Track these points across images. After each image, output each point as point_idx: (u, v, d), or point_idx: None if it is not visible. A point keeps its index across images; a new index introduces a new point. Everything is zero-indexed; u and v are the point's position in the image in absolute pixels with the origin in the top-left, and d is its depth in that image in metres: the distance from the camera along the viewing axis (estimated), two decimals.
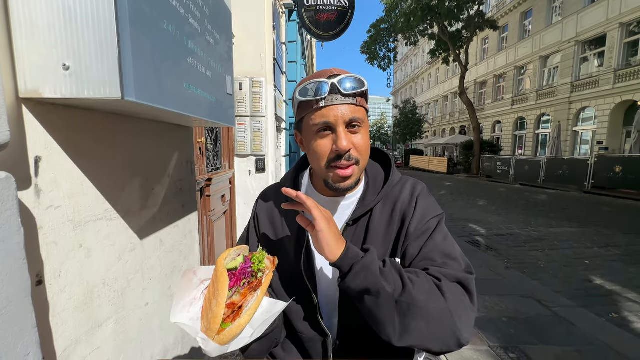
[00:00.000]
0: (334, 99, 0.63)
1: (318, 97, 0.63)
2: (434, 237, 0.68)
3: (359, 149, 0.65)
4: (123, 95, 0.51)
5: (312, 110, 0.65)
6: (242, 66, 2.83)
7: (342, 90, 0.62)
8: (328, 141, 0.65)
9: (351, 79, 0.64)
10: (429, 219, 0.69)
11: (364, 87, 0.65)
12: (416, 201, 0.71)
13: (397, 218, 0.71)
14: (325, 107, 0.63)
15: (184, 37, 0.72)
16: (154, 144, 0.96)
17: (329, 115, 0.63)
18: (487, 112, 20.86)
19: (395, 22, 17.33)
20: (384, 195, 0.73)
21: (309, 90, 0.64)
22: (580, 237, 4.77)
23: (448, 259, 0.64)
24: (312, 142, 0.66)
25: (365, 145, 0.66)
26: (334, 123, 0.63)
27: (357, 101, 0.65)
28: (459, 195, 9.90)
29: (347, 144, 0.63)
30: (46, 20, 0.50)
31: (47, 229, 0.57)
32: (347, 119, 0.63)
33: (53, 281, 0.59)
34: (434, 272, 0.61)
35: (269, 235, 0.78)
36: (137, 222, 0.86)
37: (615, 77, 12.42)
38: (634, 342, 2.13)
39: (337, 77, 0.63)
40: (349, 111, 0.63)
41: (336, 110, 0.63)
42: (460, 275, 0.61)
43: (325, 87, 0.62)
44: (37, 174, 0.55)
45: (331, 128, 0.64)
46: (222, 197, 2.59)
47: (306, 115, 0.66)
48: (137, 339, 0.87)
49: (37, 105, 0.55)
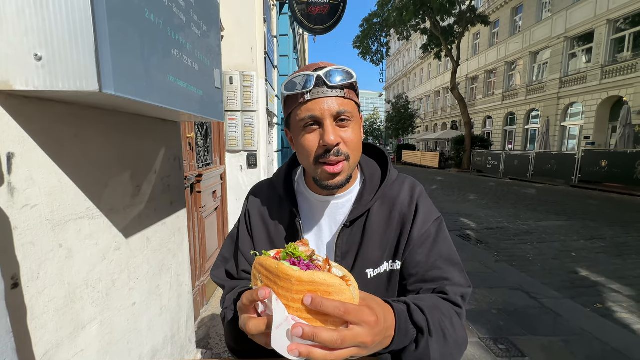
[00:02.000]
0: (320, 92, 0.60)
1: (304, 90, 0.60)
2: (437, 242, 0.67)
3: (348, 144, 0.62)
4: (101, 88, 0.48)
5: (298, 105, 0.62)
6: (232, 59, 2.78)
7: (328, 83, 0.60)
8: (315, 136, 0.62)
9: (338, 71, 0.61)
10: (431, 223, 0.69)
11: (352, 78, 0.62)
12: (416, 204, 0.70)
13: (395, 220, 0.69)
14: (311, 100, 0.60)
15: (168, 27, 0.69)
16: (139, 139, 0.93)
17: (315, 109, 0.60)
18: (478, 108, 21.08)
19: (388, 16, 17.28)
20: (381, 195, 0.70)
21: (295, 84, 0.62)
22: (568, 230, 4.90)
23: (451, 266, 0.67)
24: (300, 138, 0.64)
25: (356, 140, 0.63)
26: (321, 116, 0.60)
27: (345, 93, 0.62)
28: (450, 189, 10.02)
29: (335, 137, 0.60)
30: (14, 5, 0.46)
31: (22, 229, 0.54)
32: (334, 112, 0.60)
33: (31, 283, 0.56)
34: (452, 297, 0.63)
35: (261, 233, 0.76)
36: (122, 220, 0.84)
37: (602, 73, 12.68)
38: (617, 331, 2.20)
39: (324, 69, 0.61)
40: (336, 104, 0.60)
41: (322, 104, 0.60)
42: (464, 291, 0.65)
43: (311, 79, 0.60)
44: (10, 171, 0.52)
45: (318, 122, 0.61)
46: (213, 193, 2.55)
47: (293, 110, 0.64)
48: (124, 340, 0.85)
49: (9, 98, 0.51)
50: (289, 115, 0.66)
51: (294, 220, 0.72)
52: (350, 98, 0.63)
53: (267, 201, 0.77)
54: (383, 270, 0.68)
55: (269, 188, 0.79)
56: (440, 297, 0.63)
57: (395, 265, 0.68)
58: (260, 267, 0.47)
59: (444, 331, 0.56)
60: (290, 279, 0.43)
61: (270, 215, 0.76)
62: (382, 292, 0.68)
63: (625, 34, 12.16)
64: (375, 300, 0.50)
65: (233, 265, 0.76)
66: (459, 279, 0.66)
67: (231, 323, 0.64)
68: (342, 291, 0.43)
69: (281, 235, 0.73)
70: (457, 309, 0.62)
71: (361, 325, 0.42)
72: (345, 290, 0.44)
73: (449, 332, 0.56)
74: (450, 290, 0.64)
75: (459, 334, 0.59)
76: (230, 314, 0.65)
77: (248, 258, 0.75)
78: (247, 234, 0.77)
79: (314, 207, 0.73)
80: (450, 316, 0.59)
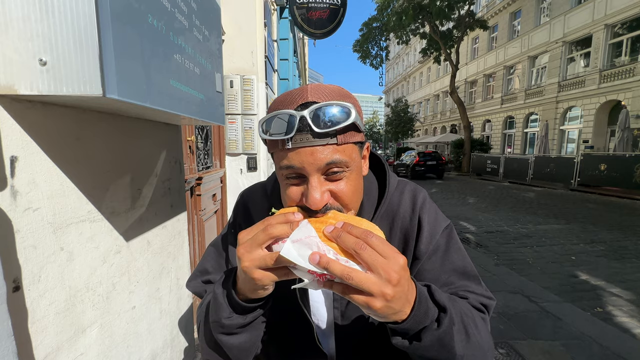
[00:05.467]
0: (302, 139, 0.46)
1: (283, 136, 0.47)
2: (449, 255, 0.61)
3: (341, 198, 0.50)
4: (104, 92, 0.49)
5: (278, 150, 0.50)
6: (232, 63, 2.79)
7: (314, 128, 0.45)
8: (298, 191, 0.50)
9: (330, 107, 0.46)
10: (439, 235, 0.61)
11: (349, 118, 0.46)
12: (419, 217, 0.62)
13: (397, 237, 0.62)
14: (292, 150, 0.47)
15: (170, 32, 0.70)
16: (140, 143, 0.93)
17: (297, 160, 0.47)
18: (477, 111, 21.15)
19: (387, 20, 17.39)
20: (382, 213, 0.63)
21: (271, 125, 0.48)
22: (567, 234, 4.89)
23: (467, 279, 0.61)
24: (282, 185, 0.53)
25: (352, 190, 0.51)
26: (304, 171, 0.47)
27: (339, 139, 0.47)
28: (449, 193, 10.02)
29: (321, 198, 0.47)
30: (20, 11, 0.47)
31: (24, 232, 0.55)
32: (321, 164, 0.47)
33: (32, 286, 0.56)
34: (473, 302, 0.58)
35: None
36: (123, 223, 0.84)
37: (600, 77, 12.75)
38: (617, 335, 2.19)
39: (311, 106, 0.46)
40: (325, 154, 0.47)
41: (306, 155, 0.46)
42: (486, 302, 0.60)
43: (293, 122, 0.46)
44: (13, 174, 0.53)
45: (303, 175, 0.49)
46: (212, 196, 2.55)
47: (274, 152, 0.52)
48: (124, 344, 0.85)
49: (13, 102, 0.52)
50: (272, 154, 0.54)
51: None
52: (347, 142, 0.49)
53: (260, 211, 0.69)
54: None
55: (262, 197, 0.71)
56: (461, 298, 0.58)
57: None
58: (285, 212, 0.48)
59: (467, 328, 0.49)
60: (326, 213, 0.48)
61: None
62: None
63: (622, 38, 12.25)
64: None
65: (216, 277, 0.67)
66: (478, 291, 0.60)
67: (218, 300, 0.52)
68: (374, 229, 0.46)
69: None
70: (481, 313, 0.57)
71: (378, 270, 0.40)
72: (377, 230, 0.46)
73: (471, 330, 0.50)
74: (471, 297, 0.59)
75: (483, 337, 0.52)
76: (220, 289, 0.54)
77: None
78: None
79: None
80: (474, 317, 0.53)
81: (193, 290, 0.70)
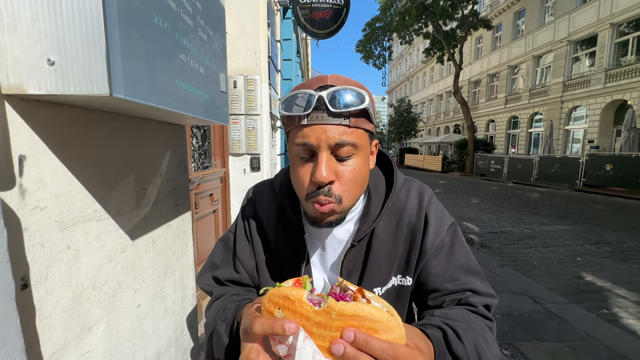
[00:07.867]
0: (318, 117, 0.51)
1: (301, 112, 0.51)
2: (454, 251, 0.63)
3: (343, 183, 0.53)
4: (111, 92, 0.49)
5: (294, 127, 0.54)
6: (236, 63, 2.80)
7: (330, 107, 0.50)
8: (308, 169, 0.53)
9: (346, 92, 0.50)
10: (445, 232, 0.63)
11: (362, 103, 0.51)
12: (426, 213, 0.64)
13: (403, 232, 0.64)
14: (307, 126, 0.51)
15: (176, 32, 0.70)
16: (146, 143, 0.94)
17: (311, 136, 0.51)
18: (481, 111, 21.05)
19: (390, 20, 17.37)
20: (389, 208, 0.64)
21: (292, 102, 0.53)
22: (572, 235, 4.85)
23: (471, 276, 0.62)
24: (293, 166, 0.56)
25: (355, 177, 0.54)
26: (316, 146, 0.51)
27: (352, 122, 0.51)
28: (453, 193, 9.97)
29: (328, 174, 0.50)
30: (29, 11, 0.47)
31: (32, 231, 0.55)
32: (332, 142, 0.51)
33: (39, 284, 0.57)
34: (481, 310, 0.59)
35: (262, 244, 0.70)
36: (128, 222, 0.84)
37: (605, 76, 12.64)
38: (623, 337, 2.17)
39: (329, 88, 0.51)
40: (336, 133, 0.51)
41: (320, 131, 0.51)
42: (489, 301, 0.61)
43: (312, 100, 0.50)
44: (22, 173, 0.53)
45: (314, 152, 0.52)
46: (210, 195, 2.56)
47: (290, 130, 0.56)
48: (129, 342, 0.85)
49: (21, 102, 0.52)
50: (288, 133, 0.59)
51: (297, 234, 0.67)
52: (358, 126, 0.53)
53: (268, 208, 0.71)
54: (391, 285, 0.65)
55: (270, 194, 0.73)
56: (469, 311, 0.59)
57: (405, 281, 0.65)
58: (280, 300, 0.39)
59: (480, 354, 0.52)
60: (329, 312, 0.36)
61: (272, 224, 0.70)
62: None
63: (628, 37, 12.14)
64: (415, 333, 0.46)
65: (224, 272, 0.71)
66: (482, 289, 0.62)
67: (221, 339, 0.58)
68: (391, 329, 0.37)
69: (284, 248, 0.68)
70: (488, 322, 0.58)
71: None
72: (395, 327, 0.37)
73: (484, 353, 0.52)
74: (476, 302, 0.60)
75: (493, 352, 0.54)
76: (223, 328, 0.58)
77: (246, 266, 0.71)
78: (247, 242, 0.72)
79: None
80: (484, 333, 0.55)
81: (202, 286, 0.72)
